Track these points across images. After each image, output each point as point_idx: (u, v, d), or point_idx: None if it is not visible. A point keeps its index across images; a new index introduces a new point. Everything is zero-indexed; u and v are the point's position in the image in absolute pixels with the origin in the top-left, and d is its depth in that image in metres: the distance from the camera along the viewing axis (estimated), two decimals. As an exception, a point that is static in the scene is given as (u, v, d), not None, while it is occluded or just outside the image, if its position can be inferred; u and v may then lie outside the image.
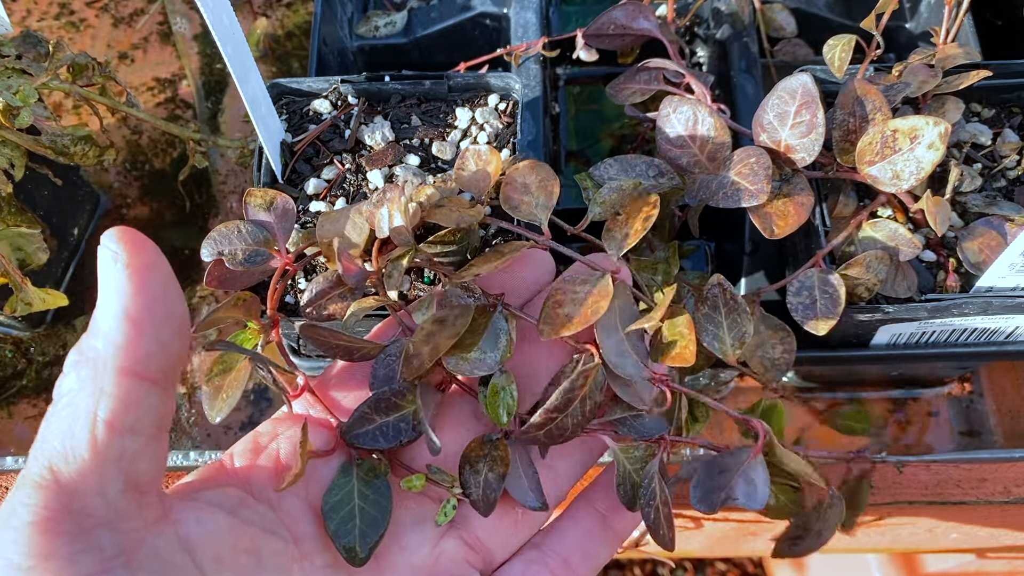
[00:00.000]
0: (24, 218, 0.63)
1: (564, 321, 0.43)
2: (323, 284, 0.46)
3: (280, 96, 0.57)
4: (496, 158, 0.48)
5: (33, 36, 0.63)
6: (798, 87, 0.48)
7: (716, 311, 0.47)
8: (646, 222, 0.45)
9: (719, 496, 0.42)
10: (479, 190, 0.48)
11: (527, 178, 0.48)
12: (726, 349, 0.46)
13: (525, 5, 0.72)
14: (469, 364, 0.43)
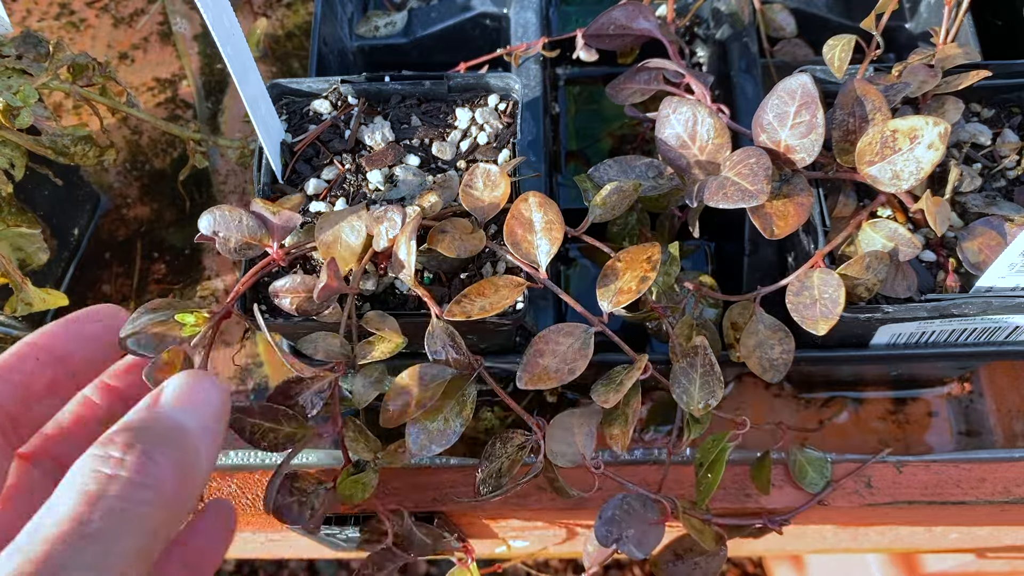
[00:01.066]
0: (24, 218, 0.63)
1: (542, 374, 0.44)
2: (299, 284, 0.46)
3: (280, 96, 0.57)
4: (505, 183, 0.47)
5: (33, 36, 0.63)
6: (797, 87, 0.48)
7: (692, 368, 0.48)
8: (642, 283, 0.45)
9: (612, 539, 0.47)
10: (484, 214, 0.48)
11: (534, 214, 0.47)
12: (692, 405, 0.47)
13: (525, 5, 0.72)
14: (429, 438, 0.43)
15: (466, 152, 0.55)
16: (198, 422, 0.34)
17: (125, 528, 0.29)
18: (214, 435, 0.35)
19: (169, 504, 0.31)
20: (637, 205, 0.63)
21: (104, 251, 0.77)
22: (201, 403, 0.35)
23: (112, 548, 0.28)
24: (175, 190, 0.79)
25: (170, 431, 0.33)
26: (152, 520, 0.30)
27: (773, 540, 0.89)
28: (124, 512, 0.29)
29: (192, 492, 0.33)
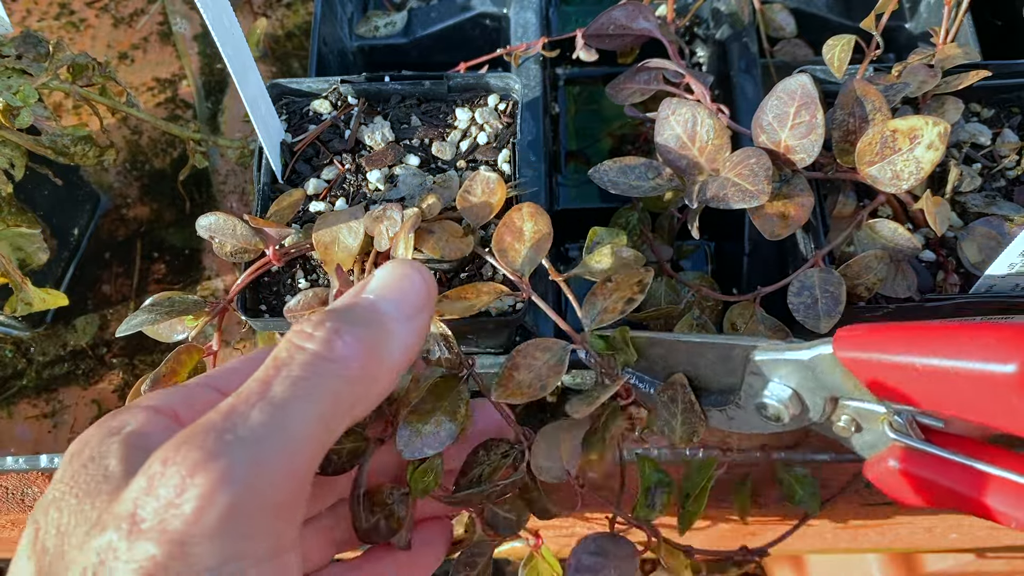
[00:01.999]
0: (24, 218, 0.63)
1: (515, 389, 0.43)
2: (312, 299, 0.46)
3: (280, 96, 0.57)
4: (501, 190, 0.47)
5: (33, 36, 0.63)
6: (797, 88, 0.48)
7: (674, 403, 0.46)
8: (628, 304, 0.45)
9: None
10: (478, 219, 0.48)
11: (525, 223, 0.46)
12: (675, 437, 0.46)
13: (525, 5, 0.72)
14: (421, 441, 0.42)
15: (466, 152, 0.55)
16: (396, 309, 0.35)
17: (306, 395, 0.30)
18: (413, 324, 0.35)
19: (354, 381, 0.32)
20: (639, 205, 0.63)
21: (104, 251, 0.77)
22: (403, 291, 0.35)
23: (290, 410, 0.30)
24: (175, 190, 0.79)
25: (365, 313, 0.34)
26: (334, 393, 0.31)
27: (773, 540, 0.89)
28: (305, 380, 0.31)
29: (381, 375, 0.33)
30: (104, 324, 0.74)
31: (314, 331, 0.32)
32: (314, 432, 0.30)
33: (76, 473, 0.31)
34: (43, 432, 0.71)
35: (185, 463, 0.28)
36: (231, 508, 0.27)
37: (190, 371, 0.45)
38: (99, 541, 0.28)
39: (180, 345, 0.46)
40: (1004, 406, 0.33)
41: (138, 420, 0.33)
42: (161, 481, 0.28)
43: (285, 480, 0.29)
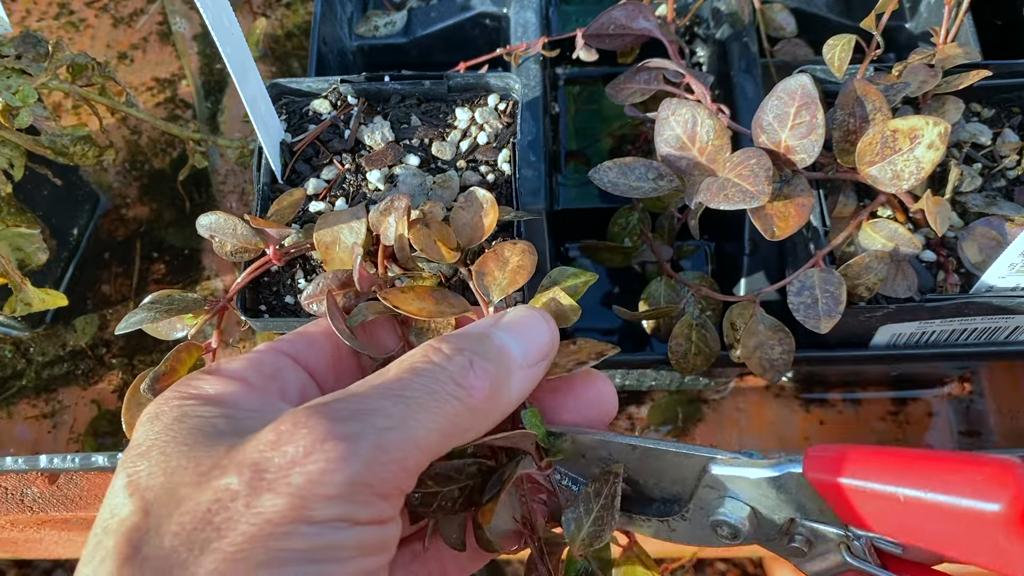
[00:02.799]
0: (24, 218, 0.63)
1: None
2: (330, 281, 0.46)
3: (280, 96, 0.57)
4: (493, 212, 0.46)
5: (33, 36, 0.63)
6: (797, 88, 0.48)
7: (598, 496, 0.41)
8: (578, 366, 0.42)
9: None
10: (467, 239, 0.47)
11: (513, 255, 0.45)
12: (576, 539, 0.40)
13: (525, 5, 0.72)
14: None
15: (466, 152, 0.55)
16: (522, 353, 0.37)
17: (431, 406, 0.33)
18: (532, 371, 0.38)
19: (472, 411, 0.34)
20: (639, 205, 0.63)
21: (103, 251, 0.77)
22: (531, 338, 0.38)
23: (414, 414, 0.32)
24: (174, 190, 0.79)
25: (496, 350, 0.37)
26: (456, 414, 0.34)
27: (773, 540, 0.89)
28: (436, 395, 0.33)
29: (495, 411, 0.36)
30: (104, 324, 0.74)
31: (452, 355, 0.35)
32: (431, 440, 0.33)
33: (171, 426, 0.33)
34: (43, 432, 0.71)
35: (317, 428, 0.31)
36: (351, 477, 0.30)
37: (189, 369, 0.45)
38: (219, 483, 0.30)
39: (179, 343, 0.45)
40: (989, 545, 0.32)
41: (212, 386, 0.36)
42: (290, 439, 0.30)
43: (397, 473, 0.32)
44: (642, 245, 0.64)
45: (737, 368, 0.58)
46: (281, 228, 0.46)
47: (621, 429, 0.68)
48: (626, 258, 0.65)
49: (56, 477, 0.63)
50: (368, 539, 0.31)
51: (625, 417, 0.68)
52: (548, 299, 0.43)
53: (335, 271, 0.46)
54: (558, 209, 0.70)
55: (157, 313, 0.45)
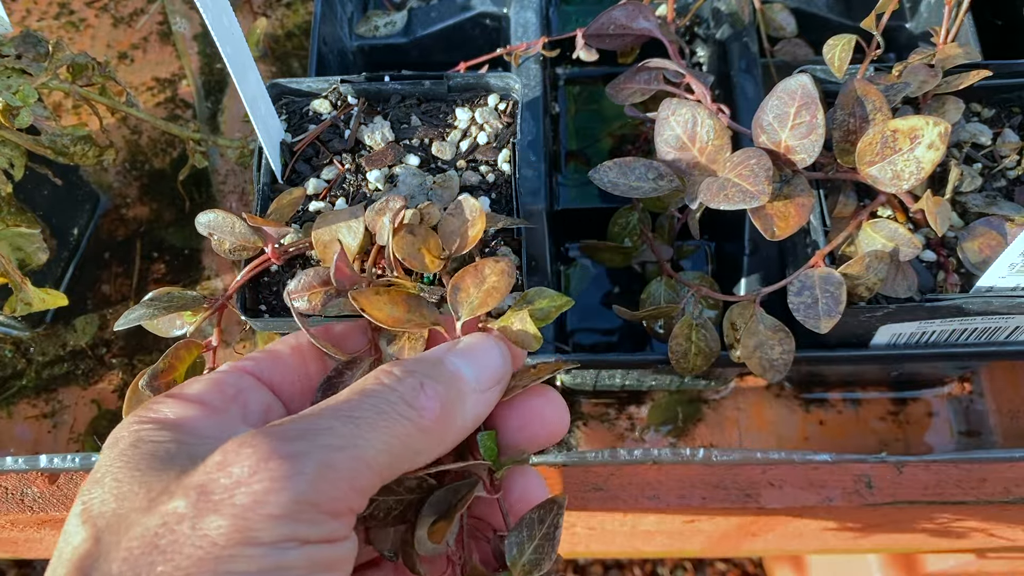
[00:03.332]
0: (24, 218, 0.63)
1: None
2: (312, 278, 0.46)
3: (280, 96, 0.57)
4: (480, 223, 0.45)
5: (33, 36, 0.63)
6: (797, 88, 0.48)
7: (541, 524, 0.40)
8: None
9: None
10: (452, 248, 0.46)
11: (491, 274, 0.43)
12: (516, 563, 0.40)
13: (525, 5, 0.72)
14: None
15: (466, 152, 0.55)
16: (475, 377, 0.38)
17: (381, 426, 0.33)
18: (486, 395, 0.38)
19: (423, 432, 0.34)
20: (639, 205, 0.63)
21: (104, 251, 0.77)
22: (484, 364, 0.39)
23: (364, 433, 0.32)
24: (175, 190, 0.79)
25: (448, 374, 0.37)
26: (406, 435, 0.34)
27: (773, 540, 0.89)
28: (385, 414, 0.33)
29: (447, 434, 0.36)
30: (104, 324, 0.74)
31: (403, 377, 0.35)
32: (381, 461, 0.33)
33: (126, 452, 0.33)
34: (43, 432, 0.71)
35: (262, 448, 0.31)
36: (296, 496, 0.30)
37: (188, 366, 0.45)
38: (167, 507, 0.30)
39: (179, 341, 0.45)
40: None
41: (172, 410, 0.36)
42: (236, 460, 0.30)
43: (345, 491, 0.31)
44: (642, 245, 0.64)
45: (737, 368, 0.58)
46: (279, 227, 0.46)
47: (621, 429, 0.68)
48: (626, 258, 0.65)
49: (56, 477, 0.63)
50: (319, 558, 0.31)
51: (625, 417, 0.68)
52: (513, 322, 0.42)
53: (316, 269, 0.46)
54: (558, 209, 0.70)
55: (156, 310, 0.45)
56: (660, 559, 1.52)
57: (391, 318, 0.41)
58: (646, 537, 0.86)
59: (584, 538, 0.85)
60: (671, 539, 0.88)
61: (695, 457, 0.62)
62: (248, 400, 0.39)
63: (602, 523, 0.76)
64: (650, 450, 0.63)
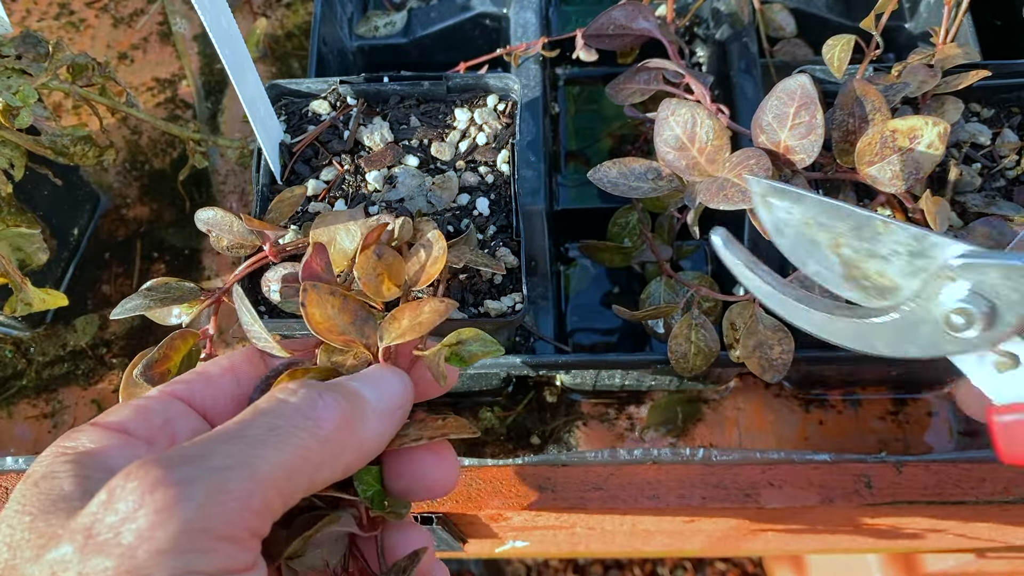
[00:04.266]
0: (24, 218, 0.63)
1: None
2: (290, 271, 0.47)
3: (279, 97, 0.57)
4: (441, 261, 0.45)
5: (33, 36, 0.63)
6: (797, 88, 0.48)
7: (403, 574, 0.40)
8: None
9: None
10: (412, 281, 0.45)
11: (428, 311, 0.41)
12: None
13: (525, 5, 0.72)
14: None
15: (465, 153, 0.55)
16: (375, 399, 0.37)
17: (277, 441, 0.32)
18: (387, 418, 0.37)
19: (324, 441, 0.33)
20: (639, 205, 0.63)
21: (104, 251, 0.77)
22: (383, 388, 0.38)
23: (255, 451, 0.31)
24: (175, 190, 0.79)
25: (346, 390, 0.36)
26: (303, 447, 0.32)
27: (773, 540, 0.89)
28: (278, 429, 0.32)
29: (348, 446, 0.35)
30: (104, 324, 0.74)
31: (299, 389, 0.34)
32: (277, 477, 0.31)
33: (27, 492, 0.31)
34: (43, 432, 0.71)
35: (147, 479, 0.29)
36: (184, 525, 0.28)
37: (184, 356, 0.45)
38: (53, 554, 0.28)
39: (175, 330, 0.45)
40: None
41: (89, 439, 0.34)
42: (121, 495, 0.29)
43: (241, 513, 0.30)
44: (642, 245, 0.64)
45: (737, 368, 0.58)
46: (276, 229, 0.46)
47: (621, 429, 0.68)
48: (626, 258, 0.65)
49: (56, 477, 0.63)
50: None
51: (625, 417, 0.69)
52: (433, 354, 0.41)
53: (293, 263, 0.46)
54: (558, 209, 0.70)
55: (153, 301, 0.45)
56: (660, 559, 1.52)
57: (327, 322, 0.40)
58: (646, 537, 0.86)
59: (584, 538, 0.85)
60: (671, 539, 0.88)
61: (695, 457, 0.62)
62: (176, 429, 0.37)
63: (602, 523, 0.76)
64: (650, 450, 0.63)
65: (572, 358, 0.61)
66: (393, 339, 0.40)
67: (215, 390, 0.39)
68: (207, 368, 0.40)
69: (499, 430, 0.66)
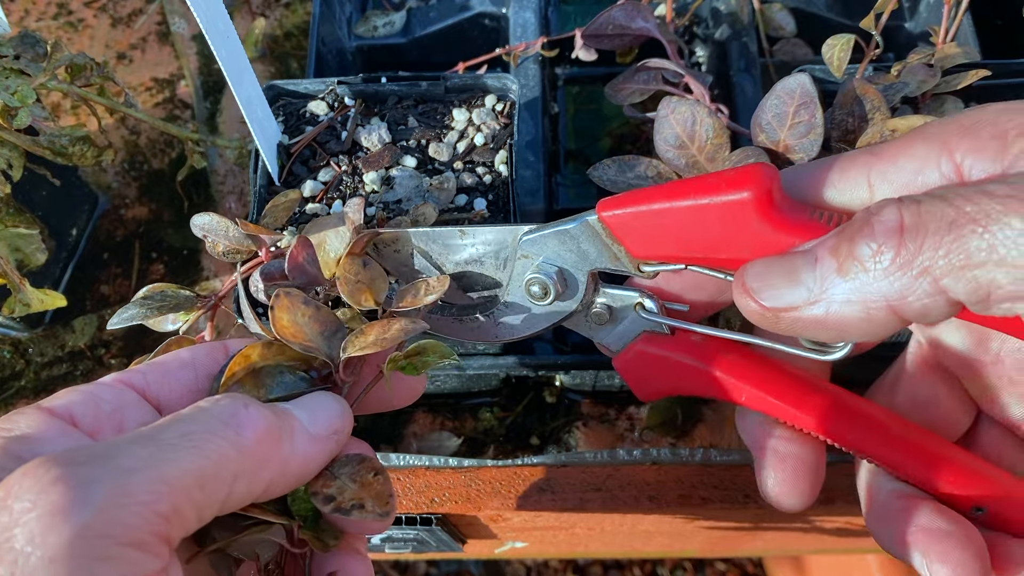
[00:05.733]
0: (22, 219, 0.63)
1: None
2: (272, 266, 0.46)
3: (277, 98, 0.57)
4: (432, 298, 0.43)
5: (31, 36, 0.63)
6: (796, 87, 0.48)
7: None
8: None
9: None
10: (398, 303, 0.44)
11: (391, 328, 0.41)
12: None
13: (524, 5, 0.72)
14: None
15: (463, 153, 0.55)
16: (308, 421, 0.36)
17: (191, 446, 0.30)
18: (320, 442, 0.36)
19: (242, 451, 0.32)
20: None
21: (102, 251, 0.77)
22: (317, 411, 0.37)
23: (165, 453, 0.29)
24: (173, 190, 0.79)
25: (278, 408, 0.35)
26: (219, 454, 0.31)
27: (773, 540, 0.89)
28: (195, 435, 0.31)
29: (271, 461, 0.33)
30: (102, 325, 0.74)
31: (224, 399, 0.33)
32: (188, 484, 0.29)
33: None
34: (42, 433, 0.71)
35: (44, 477, 0.27)
36: (82, 530, 0.26)
37: None
38: None
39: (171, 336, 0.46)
40: (744, 232, 0.38)
41: (28, 423, 0.32)
42: (17, 493, 0.27)
43: (145, 517, 0.28)
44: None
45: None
46: (271, 234, 0.46)
47: (621, 430, 0.68)
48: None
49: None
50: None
51: (625, 417, 0.68)
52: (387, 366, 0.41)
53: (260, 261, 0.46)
54: (557, 209, 0.70)
55: (149, 310, 0.45)
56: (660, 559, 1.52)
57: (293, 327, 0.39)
58: (646, 537, 0.86)
59: (584, 538, 0.85)
60: (671, 539, 0.88)
61: (695, 457, 0.62)
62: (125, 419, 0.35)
63: (602, 523, 0.76)
64: (650, 450, 0.63)
65: (571, 358, 0.61)
66: (355, 351, 0.39)
67: (172, 381, 0.38)
68: (165, 359, 0.39)
69: (498, 431, 0.66)
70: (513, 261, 0.45)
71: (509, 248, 0.45)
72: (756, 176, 0.37)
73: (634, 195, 0.41)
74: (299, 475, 0.35)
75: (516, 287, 0.46)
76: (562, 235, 0.44)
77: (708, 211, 0.38)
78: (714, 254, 0.40)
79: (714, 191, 0.38)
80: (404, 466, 0.62)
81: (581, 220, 0.43)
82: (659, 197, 0.40)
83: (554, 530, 0.79)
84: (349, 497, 0.36)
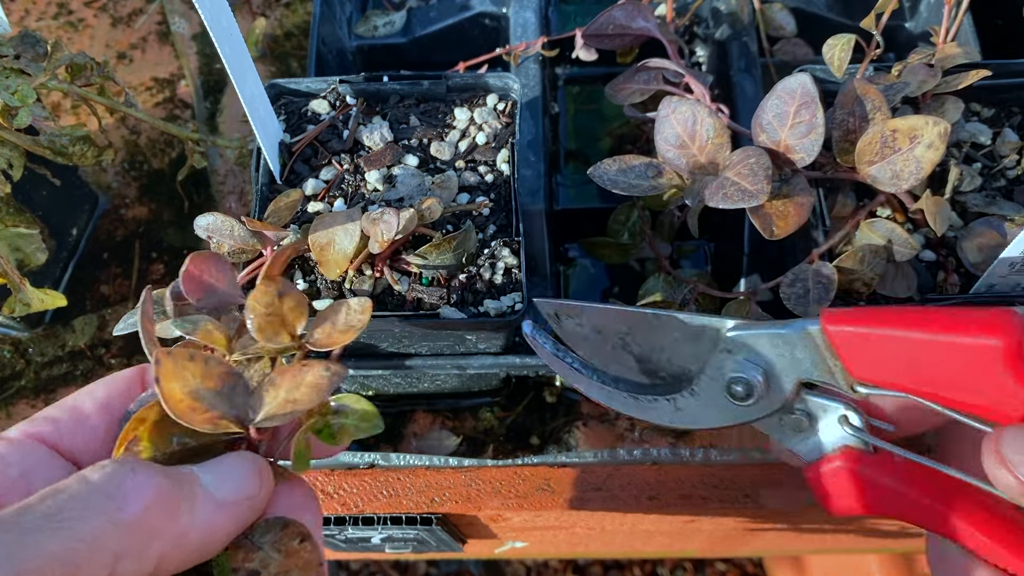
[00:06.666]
0: (23, 218, 0.63)
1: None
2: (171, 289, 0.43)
3: (278, 96, 0.57)
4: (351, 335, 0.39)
5: (31, 36, 0.63)
6: (797, 87, 0.48)
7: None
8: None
9: None
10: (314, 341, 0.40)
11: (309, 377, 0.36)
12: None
13: (524, 4, 0.72)
14: None
15: (464, 152, 0.55)
16: (214, 484, 0.32)
17: (53, 529, 0.27)
18: (227, 508, 0.32)
19: (125, 527, 0.28)
20: (639, 202, 0.63)
21: (102, 251, 0.77)
22: (227, 473, 0.33)
23: (27, 540, 0.26)
24: (174, 190, 0.79)
25: (176, 471, 0.31)
26: (94, 533, 0.27)
27: (773, 540, 0.89)
28: (64, 513, 0.27)
29: (164, 534, 0.29)
30: (103, 325, 0.74)
31: (110, 466, 0.29)
32: (51, 572, 0.26)
33: None
34: (42, 433, 0.71)
35: None
36: None
37: None
38: None
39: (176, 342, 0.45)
40: (988, 382, 0.36)
41: None
42: None
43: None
44: (641, 242, 0.64)
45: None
46: (277, 230, 0.46)
47: (621, 429, 0.68)
48: (624, 254, 0.65)
49: (55, 478, 0.63)
50: None
51: (625, 417, 0.68)
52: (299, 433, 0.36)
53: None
54: (557, 209, 0.70)
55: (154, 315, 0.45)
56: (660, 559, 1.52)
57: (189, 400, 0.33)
58: (646, 537, 0.86)
59: (584, 538, 0.85)
60: (671, 539, 0.88)
61: (695, 457, 0.62)
62: (34, 481, 0.32)
63: (602, 523, 0.76)
64: (650, 450, 0.63)
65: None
66: (262, 420, 0.34)
67: (85, 430, 0.35)
68: (79, 402, 0.35)
69: (499, 430, 0.66)
70: (713, 353, 0.43)
71: (707, 339, 0.43)
72: (1008, 324, 0.35)
73: (866, 313, 0.39)
74: (201, 548, 0.31)
75: (710, 380, 0.43)
76: (776, 339, 0.41)
77: (949, 349, 0.36)
78: (944, 392, 0.38)
79: (960, 330, 0.36)
80: (404, 466, 0.62)
81: (801, 328, 0.41)
82: (896, 323, 0.38)
83: (554, 530, 0.79)
84: (274, 570, 0.33)
